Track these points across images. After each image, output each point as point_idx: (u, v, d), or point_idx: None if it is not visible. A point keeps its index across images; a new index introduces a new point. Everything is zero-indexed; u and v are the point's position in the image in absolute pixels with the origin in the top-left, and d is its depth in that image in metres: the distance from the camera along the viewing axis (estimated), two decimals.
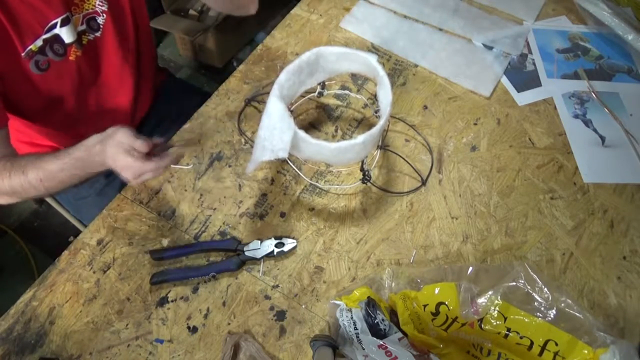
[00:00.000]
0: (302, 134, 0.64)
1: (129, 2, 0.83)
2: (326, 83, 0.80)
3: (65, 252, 0.75)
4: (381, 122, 0.66)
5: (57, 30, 0.73)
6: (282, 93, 0.67)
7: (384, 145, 0.85)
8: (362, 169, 0.76)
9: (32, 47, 0.71)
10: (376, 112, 0.75)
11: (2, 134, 0.72)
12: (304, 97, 0.88)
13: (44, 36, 0.72)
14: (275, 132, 0.63)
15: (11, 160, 0.71)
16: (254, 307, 0.70)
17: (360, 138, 0.63)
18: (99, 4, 0.78)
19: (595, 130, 0.89)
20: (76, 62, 0.79)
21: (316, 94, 0.83)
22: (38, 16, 0.70)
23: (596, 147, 0.87)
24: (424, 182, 0.81)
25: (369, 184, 0.80)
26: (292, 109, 0.89)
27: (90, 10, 0.78)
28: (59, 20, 0.72)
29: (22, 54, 0.71)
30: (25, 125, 0.84)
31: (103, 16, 0.79)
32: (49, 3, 0.70)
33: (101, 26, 0.80)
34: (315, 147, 0.64)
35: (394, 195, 0.81)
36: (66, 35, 0.74)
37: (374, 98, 0.91)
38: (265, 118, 0.66)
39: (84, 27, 0.78)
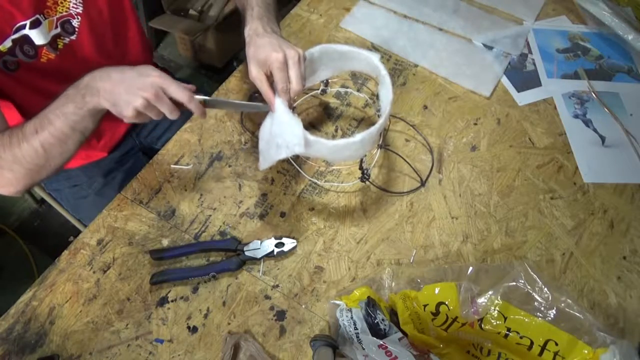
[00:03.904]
0: (303, 130, 0.64)
1: (107, 4, 0.80)
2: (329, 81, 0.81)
3: (65, 252, 0.75)
4: (380, 121, 0.66)
5: (26, 32, 0.71)
6: None
7: (384, 145, 0.85)
8: (361, 168, 0.77)
9: (0, 47, 0.70)
10: (378, 111, 0.75)
11: None
12: (307, 94, 0.88)
13: (13, 37, 0.70)
14: (285, 126, 0.64)
15: (11, 128, 0.67)
16: (254, 307, 0.70)
17: (358, 136, 0.63)
18: (73, 7, 0.75)
19: (595, 130, 0.89)
20: (48, 65, 0.77)
21: (319, 91, 0.84)
22: (6, 17, 0.68)
23: (596, 147, 0.87)
24: (423, 183, 0.81)
25: (367, 182, 0.80)
26: (294, 105, 0.89)
27: (65, 13, 0.75)
28: (27, 22, 0.70)
29: None
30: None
31: (78, 19, 0.77)
32: (18, 5, 0.68)
33: (76, 29, 0.77)
34: (314, 144, 0.65)
35: (393, 194, 0.81)
36: (36, 37, 0.72)
37: (375, 97, 0.91)
38: (268, 116, 0.67)
39: (58, 30, 0.75)
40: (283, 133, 0.64)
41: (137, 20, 0.92)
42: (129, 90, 0.60)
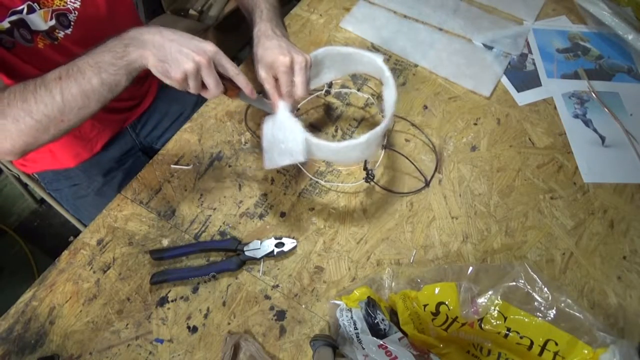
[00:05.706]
0: (306, 134, 0.64)
1: (106, 2, 0.80)
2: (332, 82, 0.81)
3: (65, 252, 0.75)
4: (385, 122, 0.66)
5: (23, 16, 0.70)
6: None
7: (388, 145, 0.85)
8: (365, 168, 0.77)
9: None
10: (382, 111, 0.75)
11: None
12: (311, 94, 0.88)
13: (9, 19, 0.69)
14: (287, 132, 0.64)
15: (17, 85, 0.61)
16: (254, 307, 0.70)
17: (363, 137, 0.63)
18: (71, 1, 0.75)
19: (595, 130, 0.89)
20: (45, 52, 0.75)
21: (323, 92, 0.84)
22: (5, 0, 0.68)
23: (596, 147, 0.87)
24: (427, 184, 0.81)
25: (372, 183, 0.80)
26: (298, 106, 0.89)
27: (62, 7, 0.74)
28: (25, 6, 0.69)
29: None
30: None
31: (75, 13, 0.76)
32: None
33: (72, 23, 0.77)
34: (319, 148, 0.65)
35: (397, 195, 0.81)
36: (32, 23, 0.71)
37: (375, 97, 0.91)
38: (270, 118, 0.67)
39: (53, 22, 0.74)
40: (286, 139, 0.64)
41: (137, 19, 0.92)
42: (181, 50, 0.57)
